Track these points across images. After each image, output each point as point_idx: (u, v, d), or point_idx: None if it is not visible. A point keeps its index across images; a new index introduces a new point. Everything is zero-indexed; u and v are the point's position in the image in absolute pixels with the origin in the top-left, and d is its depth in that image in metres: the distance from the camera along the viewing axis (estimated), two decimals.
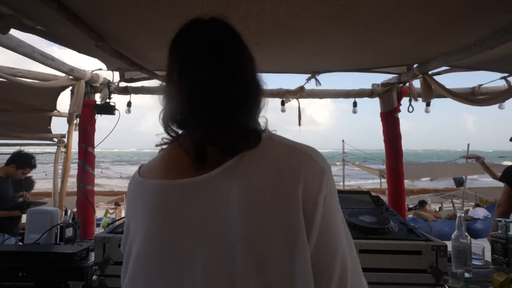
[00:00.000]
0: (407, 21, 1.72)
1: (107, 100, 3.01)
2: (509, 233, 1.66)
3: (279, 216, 0.52)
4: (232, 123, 0.60)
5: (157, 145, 0.67)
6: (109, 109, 2.95)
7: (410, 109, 3.06)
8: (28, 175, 3.85)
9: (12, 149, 4.65)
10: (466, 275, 1.53)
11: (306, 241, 0.52)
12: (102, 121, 3.09)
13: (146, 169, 0.67)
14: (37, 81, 2.76)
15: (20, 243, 2.91)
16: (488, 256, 1.77)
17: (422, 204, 8.61)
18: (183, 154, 0.60)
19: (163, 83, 0.69)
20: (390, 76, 3.02)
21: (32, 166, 3.62)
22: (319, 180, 0.55)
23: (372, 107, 3.49)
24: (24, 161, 3.57)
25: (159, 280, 0.56)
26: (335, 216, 0.57)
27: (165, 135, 0.65)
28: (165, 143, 0.66)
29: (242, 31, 0.70)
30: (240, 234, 0.52)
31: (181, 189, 0.58)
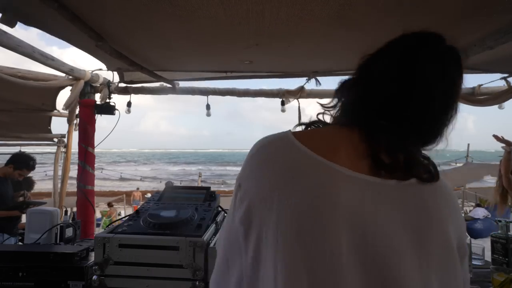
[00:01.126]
0: (407, 21, 1.72)
1: (107, 100, 3.01)
2: (509, 233, 1.66)
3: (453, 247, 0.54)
4: (418, 151, 0.58)
5: (317, 122, 0.63)
6: (109, 109, 2.95)
7: None
8: (28, 175, 3.85)
9: (12, 149, 4.66)
10: None
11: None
12: (102, 121, 3.09)
13: (312, 142, 0.54)
14: (37, 81, 2.76)
15: (20, 243, 2.91)
16: (488, 256, 1.77)
17: None
18: (359, 146, 0.54)
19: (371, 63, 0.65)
20: None
21: (30, 168, 3.62)
22: (465, 229, 0.60)
23: None
24: (22, 162, 3.57)
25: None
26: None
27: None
28: (338, 123, 0.61)
29: (242, 32, 0.70)
30: (429, 255, 0.50)
31: (377, 188, 0.51)
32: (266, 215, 0.49)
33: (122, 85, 3.13)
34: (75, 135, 3.10)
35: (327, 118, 0.65)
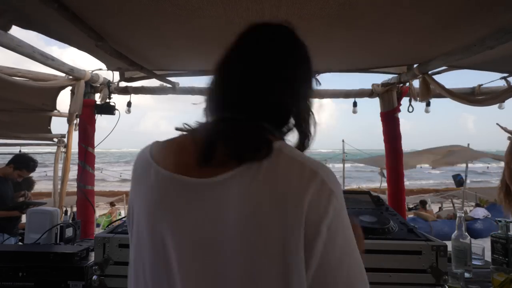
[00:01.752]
0: (407, 21, 1.72)
1: (107, 100, 3.01)
2: (509, 233, 1.66)
3: (278, 239, 0.50)
4: (250, 128, 0.58)
5: (177, 129, 0.65)
6: (109, 109, 2.95)
7: (410, 109, 3.06)
8: (28, 175, 3.85)
9: (12, 149, 4.66)
10: (466, 275, 1.53)
11: (304, 270, 0.49)
12: (102, 121, 3.09)
13: (159, 152, 0.63)
14: (37, 81, 2.76)
15: (20, 243, 2.92)
16: (488, 256, 1.77)
17: (423, 203, 8.60)
18: (194, 145, 0.58)
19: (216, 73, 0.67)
20: (390, 76, 3.02)
21: (30, 169, 3.62)
22: (325, 204, 0.52)
23: (372, 107, 3.49)
24: (22, 163, 3.57)
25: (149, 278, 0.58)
26: (343, 244, 0.53)
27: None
28: (185, 130, 0.64)
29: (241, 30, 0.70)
30: (235, 250, 0.50)
31: (185, 188, 0.56)
32: (130, 211, 0.65)
33: (122, 85, 3.13)
34: (75, 135, 3.10)
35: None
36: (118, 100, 3.08)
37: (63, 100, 3.14)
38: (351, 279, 0.53)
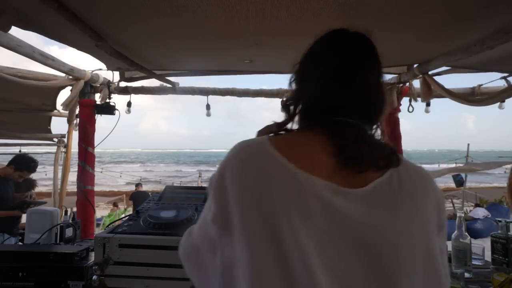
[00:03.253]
0: (407, 21, 1.72)
1: (107, 100, 3.01)
2: (509, 233, 1.66)
3: (422, 239, 0.55)
4: (372, 136, 0.64)
5: (281, 129, 0.68)
6: (109, 109, 2.95)
7: (410, 109, 3.06)
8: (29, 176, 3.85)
9: (12, 149, 4.66)
10: (466, 275, 1.53)
11: (441, 264, 0.56)
12: (102, 121, 3.08)
13: (285, 148, 0.57)
14: (37, 81, 2.76)
15: (20, 243, 2.91)
16: (488, 256, 1.77)
17: None
18: (326, 148, 0.57)
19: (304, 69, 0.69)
20: (390, 76, 3.03)
21: (31, 170, 3.63)
22: (444, 202, 0.62)
23: None
24: (23, 164, 3.58)
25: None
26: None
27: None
28: (302, 128, 0.66)
29: (242, 31, 0.71)
30: (389, 252, 0.52)
31: (343, 196, 0.54)
32: (239, 216, 0.52)
33: (122, 85, 3.13)
34: (75, 135, 3.10)
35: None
36: (118, 100, 3.09)
37: (63, 100, 3.13)
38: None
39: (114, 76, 3.00)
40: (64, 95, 3.07)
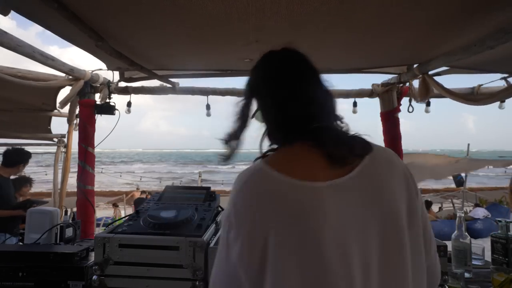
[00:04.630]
0: (407, 21, 1.72)
1: (107, 100, 3.01)
2: (509, 233, 1.66)
3: (404, 200, 0.67)
4: (342, 130, 0.74)
5: (271, 148, 0.76)
6: (109, 109, 2.95)
7: (410, 109, 3.06)
8: (27, 175, 3.85)
9: None
10: (466, 275, 1.53)
11: (420, 217, 0.69)
12: (102, 121, 3.08)
13: (283, 167, 0.65)
14: (37, 81, 2.76)
15: (20, 243, 2.92)
16: (488, 256, 1.77)
17: (428, 204, 8.55)
18: (315, 155, 0.66)
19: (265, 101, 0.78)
20: (390, 76, 3.02)
21: (26, 162, 3.63)
22: (409, 170, 0.72)
23: (372, 107, 3.48)
24: (17, 159, 3.59)
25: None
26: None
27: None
28: (286, 144, 0.72)
29: (242, 28, 0.73)
30: (388, 217, 0.63)
31: (333, 190, 0.63)
32: (267, 245, 0.58)
33: (122, 85, 3.13)
34: (75, 135, 3.10)
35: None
36: (118, 100, 3.08)
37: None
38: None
39: (114, 76, 3.00)
40: (64, 95, 3.07)
